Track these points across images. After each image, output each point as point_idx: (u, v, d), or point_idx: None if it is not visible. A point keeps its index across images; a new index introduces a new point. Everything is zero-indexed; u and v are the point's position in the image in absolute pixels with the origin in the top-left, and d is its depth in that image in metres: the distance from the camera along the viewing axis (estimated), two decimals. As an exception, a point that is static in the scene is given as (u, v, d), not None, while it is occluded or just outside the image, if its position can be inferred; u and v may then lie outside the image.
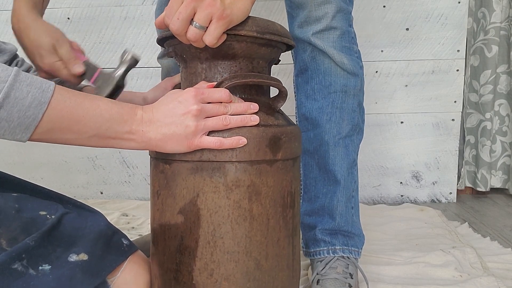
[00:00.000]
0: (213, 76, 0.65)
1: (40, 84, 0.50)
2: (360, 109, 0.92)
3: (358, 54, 0.89)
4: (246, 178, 0.62)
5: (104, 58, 1.60)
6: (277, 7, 1.53)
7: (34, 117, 0.49)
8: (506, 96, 1.64)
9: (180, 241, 0.63)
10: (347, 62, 0.85)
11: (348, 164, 0.91)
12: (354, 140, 0.93)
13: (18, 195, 0.59)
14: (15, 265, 0.50)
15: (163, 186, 0.64)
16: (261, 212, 0.63)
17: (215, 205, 0.61)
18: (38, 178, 1.63)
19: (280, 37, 0.65)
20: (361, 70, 0.89)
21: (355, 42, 0.89)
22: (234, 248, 0.62)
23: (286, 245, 0.67)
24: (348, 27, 0.86)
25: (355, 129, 0.92)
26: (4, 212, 0.54)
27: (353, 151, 0.93)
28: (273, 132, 0.63)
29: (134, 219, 1.43)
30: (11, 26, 0.74)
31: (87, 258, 0.56)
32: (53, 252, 0.54)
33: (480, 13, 1.58)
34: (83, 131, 0.53)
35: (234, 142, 0.59)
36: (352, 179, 0.92)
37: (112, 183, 1.70)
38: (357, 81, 0.88)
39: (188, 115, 0.57)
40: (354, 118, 0.90)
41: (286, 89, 0.67)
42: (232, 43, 0.63)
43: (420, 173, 1.63)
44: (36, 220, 0.55)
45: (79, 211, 0.62)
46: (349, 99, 0.88)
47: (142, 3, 1.55)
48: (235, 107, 0.61)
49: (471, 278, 0.95)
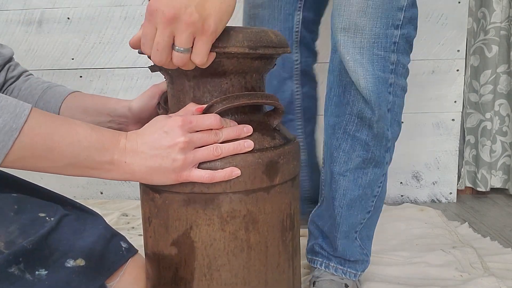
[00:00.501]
0: (202, 95, 0.60)
1: (13, 108, 0.47)
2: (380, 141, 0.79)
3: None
4: (242, 208, 0.57)
5: (104, 58, 1.60)
6: (277, 7, 1.52)
7: (4, 144, 0.46)
8: (506, 96, 1.64)
9: (175, 272, 0.60)
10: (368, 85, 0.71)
11: (353, 198, 0.81)
12: (369, 174, 0.81)
13: (17, 195, 0.58)
14: (11, 269, 0.49)
15: (154, 214, 0.61)
16: (259, 241, 0.59)
17: (210, 237, 0.57)
18: (38, 178, 1.62)
19: (275, 48, 0.59)
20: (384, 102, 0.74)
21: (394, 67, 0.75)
22: (232, 280, 0.59)
23: (286, 268, 0.64)
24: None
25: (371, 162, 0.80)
26: (3, 214, 0.54)
27: (366, 185, 0.81)
28: (270, 157, 0.58)
29: (134, 219, 1.43)
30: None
31: (85, 263, 0.55)
32: (51, 256, 0.53)
33: (480, 13, 1.57)
34: (59, 159, 0.50)
35: (226, 174, 0.55)
36: (360, 211, 0.83)
37: (112, 183, 1.70)
38: (375, 111, 0.74)
39: (175, 147, 0.52)
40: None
41: (282, 107, 0.62)
42: (222, 60, 0.56)
43: (420, 173, 1.63)
44: (35, 222, 0.55)
45: (78, 213, 0.62)
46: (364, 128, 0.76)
47: (142, 3, 1.55)
48: (227, 133, 0.56)
49: (472, 278, 0.95)
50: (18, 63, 0.80)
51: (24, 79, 0.78)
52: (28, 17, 1.58)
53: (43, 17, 1.58)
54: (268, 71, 0.65)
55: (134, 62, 1.60)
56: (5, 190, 0.59)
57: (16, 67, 0.78)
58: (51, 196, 0.64)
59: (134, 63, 1.60)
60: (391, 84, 0.75)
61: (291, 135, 0.67)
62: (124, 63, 1.60)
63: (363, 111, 0.75)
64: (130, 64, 1.60)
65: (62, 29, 1.59)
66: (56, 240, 0.54)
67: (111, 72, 1.61)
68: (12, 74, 0.77)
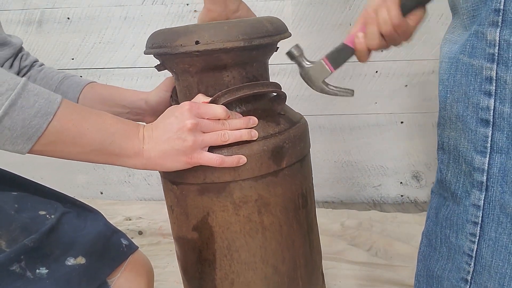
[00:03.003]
0: (206, 90, 0.63)
1: (47, 95, 0.49)
2: None
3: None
4: (253, 193, 0.61)
5: (104, 58, 1.60)
6: (277, 7, 1.53)
7: (38, 127, 0.48)
8: (506, 96, 1.64)
9: (199, 253, 0.65)
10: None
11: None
12: None
13: (18, 194, 0.58)
14: (13, 267, 0.50)
15: (175, 203, 0.66)
16: (272, 222, 0.63)
17: (226, 222, 0.62)
18: (38, 178, 1.62)
19: (271, 37, 0.62)
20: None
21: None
22: (251, 259, 0.63)
23: (302, 244, 0.68)
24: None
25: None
26: (4, 213, 0.54)
27: None
28: (275, 143, 0.61)
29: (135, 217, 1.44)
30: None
31: (85, 261, 0.55)
32: (51, 255, 0.53)
33: (480, 13, 1.57)
34: (86, 145, 0.52)
35: (234, 160, 0.58)
36: None
37: (112, 183, 1.70)
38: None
39: (184, 129, 0.55)
40: None
41: (284, 93, 0.64)
42: (220, 55, 0.59)
43: (420, 173, 1.63)
44: (36, 220, 0.55)
45: (79, 210, 0.62)
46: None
47: (142, 3, 1.55)
48: (234, 124, 0.59)
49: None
50: (29, 52, 0.80)
51: (38, 69, 0.79)
52: (28, 17, 1.58)
53: (43, 17, 1.58)
54: (269, 57, 0.67)
55: (134, 62, 1.60)
56: (5, 189, 0.59)
57: (27, 57, 0.80)
58: (51, 194, 0.64)
59: (134, 63, 1.60)
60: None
61: (297, 117, 0.69)
62: (124, 63, 1.60)
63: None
64: (130, 64, 1.60)
65: (62, 29, 1.59)
66: (56, 238, 0.55)
67: (111, 72, 1.61)
68: (25, 63, 0.78)
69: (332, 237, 1.32)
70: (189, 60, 0.61)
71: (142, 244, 1.30)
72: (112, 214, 1.51)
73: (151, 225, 1.44)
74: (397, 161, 1.63)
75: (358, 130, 1.61)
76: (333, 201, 1.66)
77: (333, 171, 1.64)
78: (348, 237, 1.34)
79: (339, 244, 1.28)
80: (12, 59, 0.76)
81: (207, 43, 0.58)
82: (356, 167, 1.64)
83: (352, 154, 1.63)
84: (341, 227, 1.41)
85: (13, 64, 0.76)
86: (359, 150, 1.63)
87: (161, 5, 1.55)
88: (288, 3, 1.52)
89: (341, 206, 1.60)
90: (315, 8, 1.52)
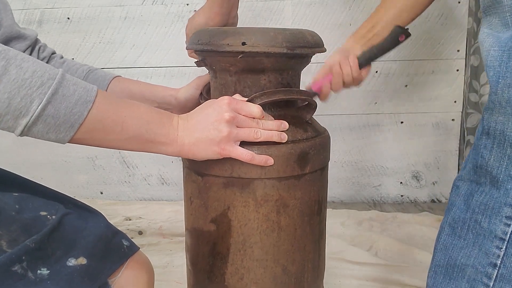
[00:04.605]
0: (242, 90, 0.66)
1: (84, 85, 0.50)
2: None
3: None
4: (275, 193, 0.63)
5: (104, 58, 1.60)
6: (277, 7, 1.53)
7: (80, 114, 0.49)
8: (506, 96, 1.64)
9: (213, 246, 0.66)
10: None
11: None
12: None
13: (18, 194, 0.58)
14: (15, 267, 0.50)
15: (196, 195, 0.67)
16: (288, 223, 0.65)
17: (245, 218, 0.64)
18: (38, 178, 1.62)
19: (311, 49, 0.65)
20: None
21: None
22: (263, 256, 0.65)
23: (312, 249, 0.70)
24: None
25: None
26: (5, 213, 0.54)
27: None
28: (301, 148, 0.64)
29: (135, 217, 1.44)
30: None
31: (86, 262, 0.55)
32: (53, 255, 0.53)
33: (480, 13, 1.57)
34: (124, 132, 0.54)
35: (263, 160, 0.61)
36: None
37: (112, 183, 1.70)
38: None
39: (221, 120, 0.57)
40: None
41: (316, 102, 0.67)
42: (262, 59, 0.63)
43: (420, 173, 1.63)
44: (37, 220, 0.55)
45: (80, 211, 0.62)
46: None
47: (142, 3, 1.55)
48: (267, 124, 0.61)
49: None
50: (46, 44, 0.81)
51: (60, 61, 0.80)
52: (28, 17, 1.58)
53: (43, 17, 1.58)
54: (303, 67, 0.72)
55: (134, 62, 1.60)
56: (6, 189, 0.59)
57: (45, 48, 0.80)
58: (52, 194, 0.64)
59: (134, 63, 1.60)
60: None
61: (322, 128, 0.73)
62: (124, 63, 1.60)
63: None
64: (130, 64, 1.60)
65: (62, 29, 1.59)
66: (58, 239, 0.55)
67: (111, 72, 1.61)
68: (43, 54, 0.79)
69: (332, 237, 1.32)
70: (232, 59, 0.64)
71: (142, 244, 1.30)
72: (112, 214, 1.51)
73: (151, 225, 1.44)
74: (397, 161, 1.63)
75: (358, 130, 1.61)
76: (333, 201, 1.66)
77: (333, 171, 1.65)
78: (348, 237, 1.34)
79: (339, 244, 1.28)
80: (29, 51, 0.76)
81: (252, 45, 0.61)
82: (356, 167, 1.65)
83: (352, 154, 1.64)
84: (341, 227, 1.41)
85: (31, 56, 0.76)
86: (359, 150, 1.63)
87: (161, 5, 1.55)
88: (288, 3, 1.52)
89: (341, 206, 1.60)
90: (315, 8, 1.52)
